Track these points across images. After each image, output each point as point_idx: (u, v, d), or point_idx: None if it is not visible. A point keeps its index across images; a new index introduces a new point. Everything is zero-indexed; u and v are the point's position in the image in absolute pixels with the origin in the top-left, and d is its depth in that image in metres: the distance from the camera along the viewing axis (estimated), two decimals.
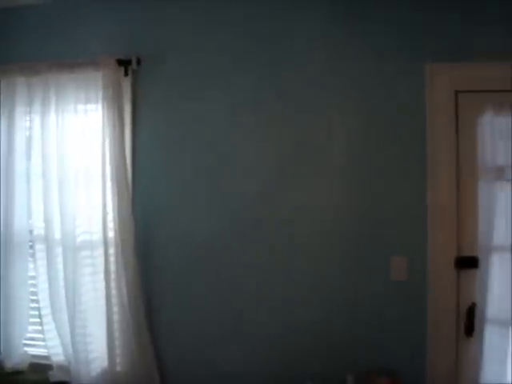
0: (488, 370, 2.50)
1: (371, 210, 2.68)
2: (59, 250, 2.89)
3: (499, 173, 2.52)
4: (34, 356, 3.06)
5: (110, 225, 2.80)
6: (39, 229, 2.95)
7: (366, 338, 2.66)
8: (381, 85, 2.67)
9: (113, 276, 2.80)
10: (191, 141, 2.86)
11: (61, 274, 2.88)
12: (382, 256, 2.66)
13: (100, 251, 2.83)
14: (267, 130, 2.78)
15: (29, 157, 2.98)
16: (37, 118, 2.94)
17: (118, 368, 2.84)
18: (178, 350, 2.85)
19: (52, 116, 2.91)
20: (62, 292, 2.87)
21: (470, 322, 2.54)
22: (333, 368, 2.64)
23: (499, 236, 2.51)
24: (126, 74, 2.84)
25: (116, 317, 2.81)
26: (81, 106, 2.88)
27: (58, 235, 2.89)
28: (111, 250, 2.81)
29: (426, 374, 2.58)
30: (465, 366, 2.55)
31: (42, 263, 2.94)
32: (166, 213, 2.89)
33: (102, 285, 2.81)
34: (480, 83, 2.56)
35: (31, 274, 3.01)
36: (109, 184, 2.79)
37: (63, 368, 2.92)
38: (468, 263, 2.57)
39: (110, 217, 2.80)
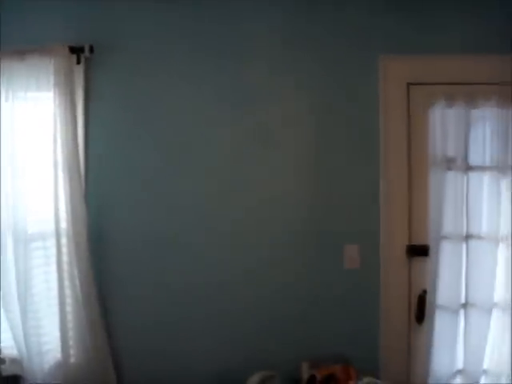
0: (438, 356, 2.58)
1: (324, 199, 2.72)
2: (10, 241, 2.80)
3: (449, 163, 2.59)
4: None
5: (63, 215, 2.74)
6: None
7: (319, 326, 2.71)
8: (335, 76, 2.72)
9: (65, 267, 2.75)
10: (145, 129, 2.82)
11: (11, 266, 2.80)
12: (336, 244, 2.70)
13: (52, 242, 2.76)
14: (221, 118, 2.77)
15: None
16: None
17: (72, 360, 2.79)
18: (134, 344, 2.81)
19: (2, 103, 2.81)
20: (13, 284, 2.78)
21: (420, 309, 2.61)
22: (287, 356, 2.68)
23: (449, 225, 2.59)
24: (79, 61, 2.77)
25: (69, 308, 2.76)
26: (32, 94, 2.79)
27: (8, 225, 2.80)
28: (63, 241, 2.74)
29: (378, 360, 2.65)
30: (416, 353, 2.63)
31: None
32: (120, 204, 2.84)
33: (54, 276, 2.75)
34: (431, 76, 2.62)
35: None
36: (60, 173, 2.72)
37: (16, 361, 2.85)
38: (419, 251, 2.65)
39: (63, 207, 2.74)
